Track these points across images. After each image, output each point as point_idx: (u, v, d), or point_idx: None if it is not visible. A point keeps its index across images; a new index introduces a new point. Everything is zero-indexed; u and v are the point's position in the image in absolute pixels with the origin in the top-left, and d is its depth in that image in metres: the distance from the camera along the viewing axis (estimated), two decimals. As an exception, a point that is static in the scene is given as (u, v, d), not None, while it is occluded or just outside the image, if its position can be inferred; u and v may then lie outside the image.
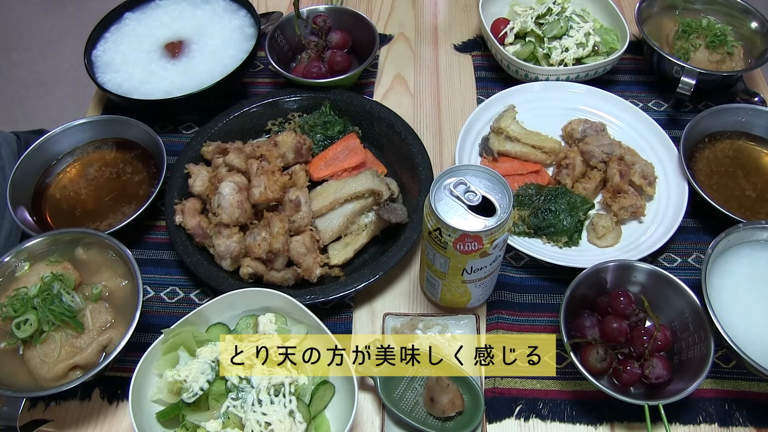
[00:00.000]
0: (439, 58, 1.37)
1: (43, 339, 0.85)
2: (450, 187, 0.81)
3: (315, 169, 1.11)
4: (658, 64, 1.25)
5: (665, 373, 0.85)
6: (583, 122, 1.16)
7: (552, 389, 0.92)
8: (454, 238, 0.79)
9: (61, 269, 0.90)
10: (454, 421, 0.87)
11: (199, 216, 1.03)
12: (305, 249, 0.98)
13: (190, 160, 1.10)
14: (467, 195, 0.80)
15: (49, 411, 0.91)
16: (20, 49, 3.00)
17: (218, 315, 0.90)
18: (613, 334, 0.87)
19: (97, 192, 1.11)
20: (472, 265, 0.84)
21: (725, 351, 0.94)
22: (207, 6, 1.33)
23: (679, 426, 0.88)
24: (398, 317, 0.97)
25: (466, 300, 0.93)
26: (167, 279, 1.04)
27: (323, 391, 0.85)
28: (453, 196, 0.81)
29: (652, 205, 1.09)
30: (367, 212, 1.06)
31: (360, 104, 1.18)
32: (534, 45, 1.27)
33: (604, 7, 1.34)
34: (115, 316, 0.90)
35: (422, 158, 1.09)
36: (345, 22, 1.30)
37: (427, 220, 0.82)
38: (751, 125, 1.15)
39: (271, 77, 1.33)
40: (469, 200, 0.80)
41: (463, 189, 0.81)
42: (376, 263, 0.98)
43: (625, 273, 0.92)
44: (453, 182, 0.82)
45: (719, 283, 0.92)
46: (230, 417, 0.79)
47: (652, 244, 1.01)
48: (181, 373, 0.81)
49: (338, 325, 0.98)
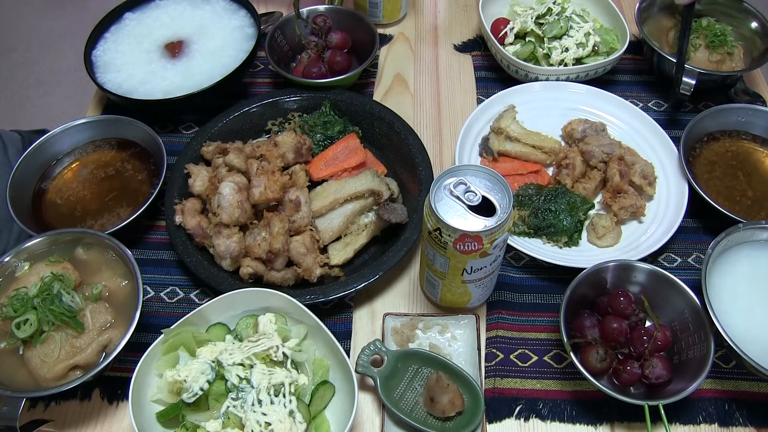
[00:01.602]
0: (439, 58, 1.37)
1: (43, 339, 0.85)
2: (450, 187, 0.81)
3: (315, 170, 1.11)
4: (658, 64, 1.25)
5: (665, 373, 0.85)
6: (583, 122, 1.16)
7: (552, 389, 0.92)
8: (454, 238, 0.79)
9: (61, 269, 0.90)
10: (454, 421, 0.87)
11: (199, 216, 1.03)
12: (305, 249, 0.98)
13: (190, 160, 1.10)
14: (467, 195, 0.80)
15: (49, 411, 0.91)
16: (20, 49, 3.00)
17: (218, 315, 0.90)
18: (613, 334, 0.87)
19: (97, 192, 1.11)
20: (472, 265, 0.84)
21: (725, 351, 0.94)
22: (207, 6, 1.33)
23: (679, 426, 0.88)
24: (398, 317, 0.97)
25: (466, 300, 0.93)
26: (167, 279, 1.04)
27: (323, 391, 0.85)
28: (453, 196, 0.81)
29: (652, 205, 1.09)
30: (367, 212, 1.06)
31: (360, 104, 1.18)
32: (534, 45, 1.27)
33: (604, 7, 1.34)
34: (115, 316, 0.90)
35: (422, 158, 1.09)
36: (345, 22, 1.30)
37: (427, 220, 0.83)
38: (751, 125, 1.15)
39: (271, 77, 1.33)
40: (469, 200, 0.80)
41: (463, 189, 0.81)
42: (376, 263, 0.98)
43: (625, 273, 0.92)
44: (453, 182, 0.82)
45: (719, 283, 0.92)
46: (230, 417, 0.79)
47: (652, 244, 1.01)
48: (181, 373, 0.81)
49: (338, 325, 0.98)
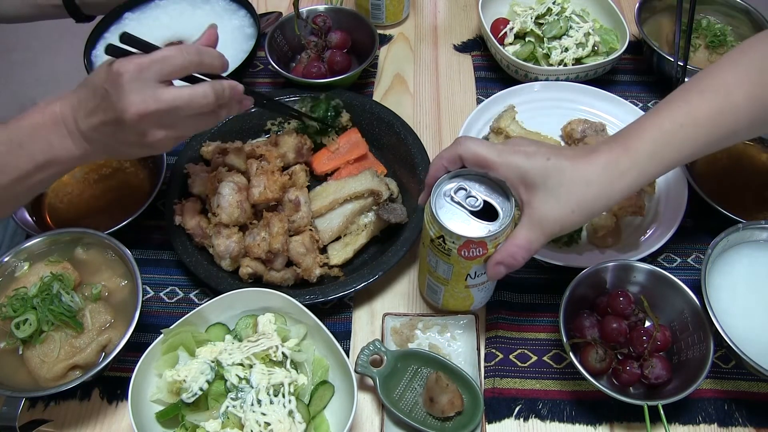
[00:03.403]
0: (438, 58, 1.37)
1: (43, 339, 0.85)
2: (450, 193, 0.81)
3: (318, 163, 1.11)
4: (658, 64, 1.25)
5: (665, 373, 0.85)
6: (583, 122, 1.16)
7: (551, 389, 0.92)
8: (458, 245, 0.79)
9: (61, 269, 0.90)
10: (454, 421, 0.87)
11: (199, 216, 1.03)
12: (305, 249, 0.98)
13: (190, 160, 1.10)
14: (468, 200, 0.80)
15: (48, 411, 0.91)
16: (20, 49, 3.00)
17: (218, 315, 0.90)
18: (612, 334, 0.87)
19: (96, 192, 1.11)
20: (476, 270, 0.83)
21: (725, 351, 0.94)
22: (207, 6, 1.33)
23: (679, 426, 0.88)
24: (398, 317, 0.97)
25: (468, 304, 0.93)
26: (167, 279, 1.04)
27: (323, 391, 0.85)
28: (454, 202, 0.80)
29: (652, 205, 1.09)
30: (367, 212, 1.06)
31: (360, 104, 1.18)
32: (534, 45, 1.27)
33: (603, 7, 1.34)
34: (115, 316, 0.90)
35: (422, 158, 1.09)
36: (345, 22, 1.30)
37: (429, 228, 0.82)
38: (750, 125, 1.15)
39: (271, 77, 1.33)
40: (471, 205, 0.80)
41: (464, 194, 0.80)
42: (375, 263, 0.98)
43: (625, 273, 0.92)
44: (453, 188, 0.81)
45: (719, 283, 0.92)
46: (230, 417, 0.79)
47: (651, 244, 1.01)
48: (180, 373, 0.81)
49: (338, 325, 0.98)
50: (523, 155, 0.76)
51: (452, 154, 0.80)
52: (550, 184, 0.75)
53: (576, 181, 0.75)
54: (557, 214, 0.76)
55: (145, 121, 0.78)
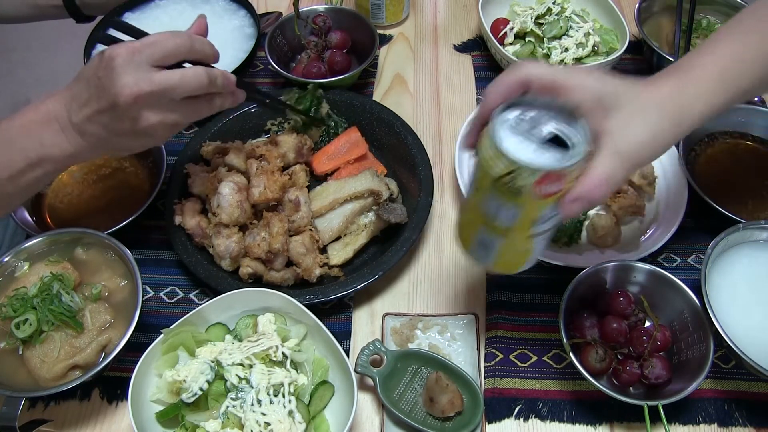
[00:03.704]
0: (438, 58, 1.37)
1: (43, 339, 0.85)
2: (512, 123, 0.67)
3: (318, 163, 1.11)
4: (658, 64, 1.25)
5: (665, 373, 0.85)
6: (583, 122, 1.16)
7: (551, 389, 0.92)
8: (533, 179, 0.65)
9: (61, 269, 0.90)
10: (454, 421, 0.87)
11: (199, 216, 1.03)
12: (305, 249, 0.98)
13: (190, 160, 1.10)
14: (534, 131, 0.67)
15: (48, 411, 0.91)
16: (20, 49, 3.00)
17: (217, 315, 0.90)
18: (612, 335, 0.87)
19: (96, 192, 1.11)
20: (546, 212, 0.70)
21: (725, 351, 0.94)
22: (207, 6, 1.33)
23: (679, 426, 0.88)
24: (398, 317, 0.97)
25: (524, 260, 0.80)
26: (167, 279, 1.04)
27: (323, 391, 0.85)
28: (519, 133, 0.67)
29: (652, 205, 1.09)
30: (367, 212, 1.06)
31: (359, 104, 1.18)
32: (534, 45, 1.27)
33: (603, 7, 1.34)
34: (115, 316, 0.90)
35: (422, 158, 1.09)
36: (345, 22, 1.30)
37: (492, 165, 0.67)
38: (751, 125, 1.15)
39: (271, 77, 1.33)
40: (538, 136, 0.66)
41: (528, 125, 0.67)
42: (375, 263, 0.98)
43: (625, 273, 0.92)
44: (515, 117, 0.68)
45: (719, 283, 0.92)
46: (230, 417, 0.79)
47: (651, 244, 1.01)
48: (180, 373, 0.81)
49: (337, 325, 0.98)
50: (596, 77, 0.68)
51: (514, 78, 0.70)
52: (629, 107, 0.68)
53: (650, 105, 0.69)
54: (640, 139, 0.68)
55: (139, 103, 0.77)
